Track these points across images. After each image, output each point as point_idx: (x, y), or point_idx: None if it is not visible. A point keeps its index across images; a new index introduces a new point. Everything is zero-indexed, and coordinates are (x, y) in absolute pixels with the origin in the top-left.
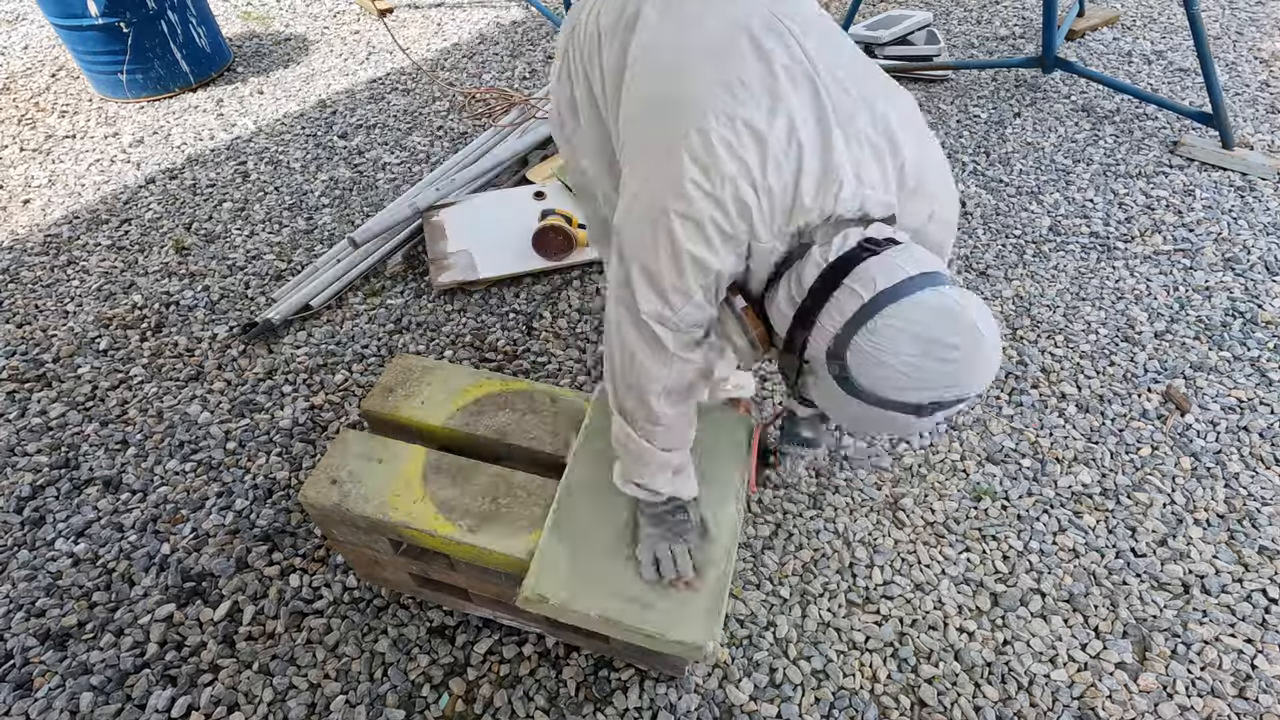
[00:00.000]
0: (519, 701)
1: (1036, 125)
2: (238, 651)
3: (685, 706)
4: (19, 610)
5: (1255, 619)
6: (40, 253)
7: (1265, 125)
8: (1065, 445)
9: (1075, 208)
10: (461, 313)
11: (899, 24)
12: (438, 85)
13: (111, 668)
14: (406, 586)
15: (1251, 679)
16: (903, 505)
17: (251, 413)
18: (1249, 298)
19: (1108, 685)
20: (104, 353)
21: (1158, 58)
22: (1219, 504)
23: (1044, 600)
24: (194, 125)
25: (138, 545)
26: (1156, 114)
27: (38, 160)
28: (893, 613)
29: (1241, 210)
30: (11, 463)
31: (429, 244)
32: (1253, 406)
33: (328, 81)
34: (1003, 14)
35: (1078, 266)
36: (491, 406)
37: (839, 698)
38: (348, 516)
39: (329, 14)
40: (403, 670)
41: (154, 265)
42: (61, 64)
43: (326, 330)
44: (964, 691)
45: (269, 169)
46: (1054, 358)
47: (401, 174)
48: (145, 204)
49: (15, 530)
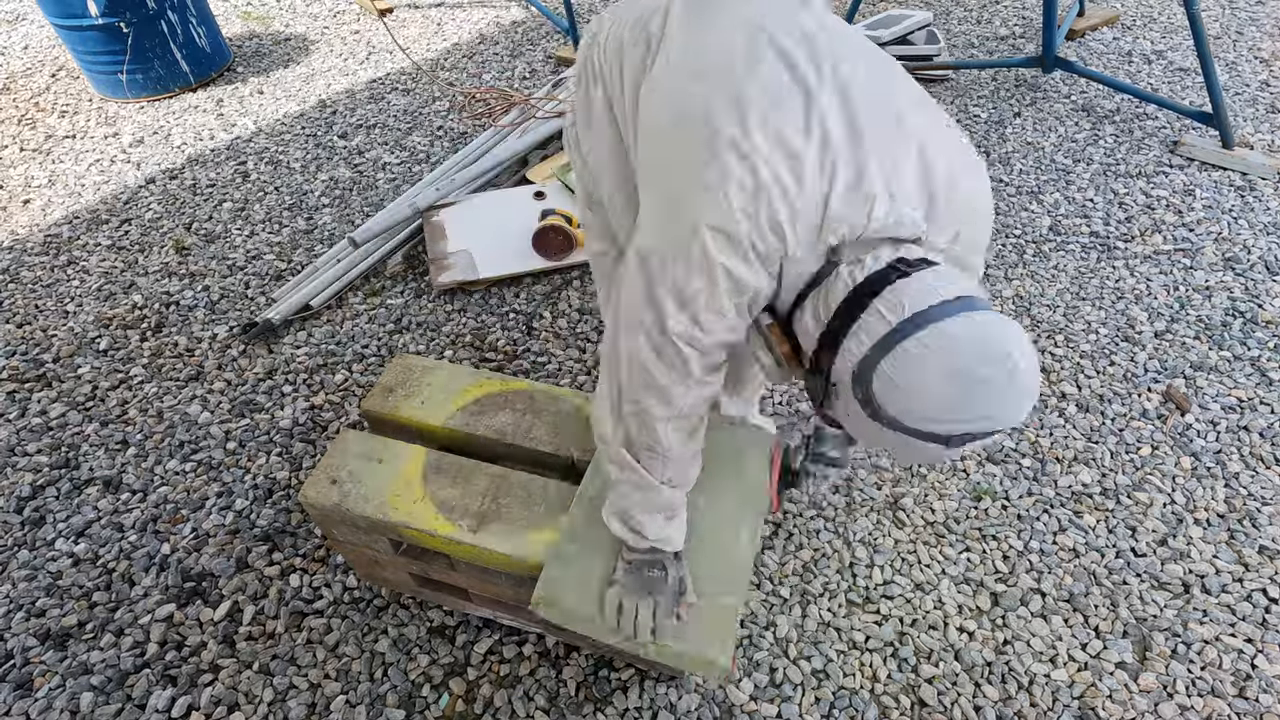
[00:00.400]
0: (519, 701)
1: (1036, 125)
2: (238, 651)
3: (685, 706)
4: (19, 610)
5: (1255, 619)
6: (40, 253)
7: (1265, 125)
8: (1065, 445)
9: (1075, 207)
10: (461, 313)
11: (899, 24)
12: (438, 85)
13: (112, 668)
14: (406, 586)
15: (1251, 679)
16: (903, 505)
17: (251, 413)
18: (1249, 297)
19: (1108, 685)
20: (104, 353)
21: (1158, 57)
22: (1219, 504)
23: (1044, 600)
24: (194, 125)
25: (138, 545)
26: (1157, 114)
27: (38, 160)
28: (893, 612)
29: (1242, 210)
30: (12, 463)
31: (429, 244)
32: (1253, 406)
33: (328, 81)
34: (1003, 14)
35: (1078, 266)
36: (491, 406)
37: (839, 697)
38: (348, 516)
39: (329, 14)
40: (403, 670)
41: (154, 265)
42: (61, 64)
43: (326, 330)
44: (964, 691)
45: (269, 169)
46: (1054, 357)
47: (401, 174)
48: (145, 204)
49: (15, 530)
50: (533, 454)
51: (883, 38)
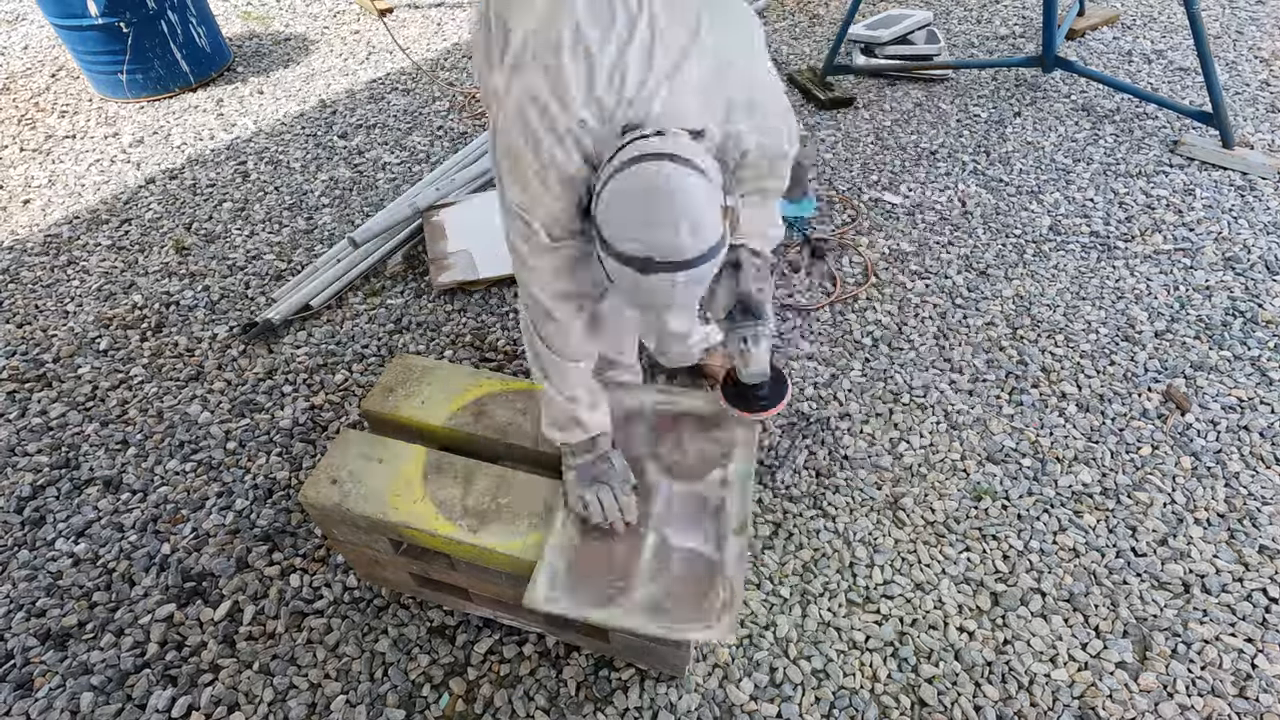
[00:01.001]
0: (519, 701)
1: (1037, 125)
2: (238, 651)
3: (685, 706)
4: (19, 610)
5: (1256, 618)
6: (40, 253)
7: (1265, 124)
8: (1065, 445)
9: (1075, 207)
10: (461, 313)
11: (899, 23)
12: (438, 85)
13: (112, 668)
14: (407, 586)
15: (1252, 678)
16: (903, 505)
17: (251, 413)
18: (1249, 297)
19: (1108, 685)
20: (104, 353)
21: (1158, 57)
22: (1219, 503)
23: (1044, 600)
24: (194, 125)
25: (138, 545)
26: (1157, 113)
27: (38, 160)
28: (893, 612)
29: (1242, 209)
30: (12, 463)
31: (429, 244)
32: (1253, 406)
33: (328, 81)
34: (1003, 13)
35: (1078, 266)
36: (491, 406)
37: (839, 697)
38: (348, 516)
39: (329, 14)
40: (403, 670)
41: (154, 265)
42: (61, 64)
43: (326, 330)
44: (964, 691)
45: (269, 169)
46: (1054, 357)
47: (401, 174)
48: (145, 204)
49: (15, 530)
50: (533, 454)
51: (883, 37)
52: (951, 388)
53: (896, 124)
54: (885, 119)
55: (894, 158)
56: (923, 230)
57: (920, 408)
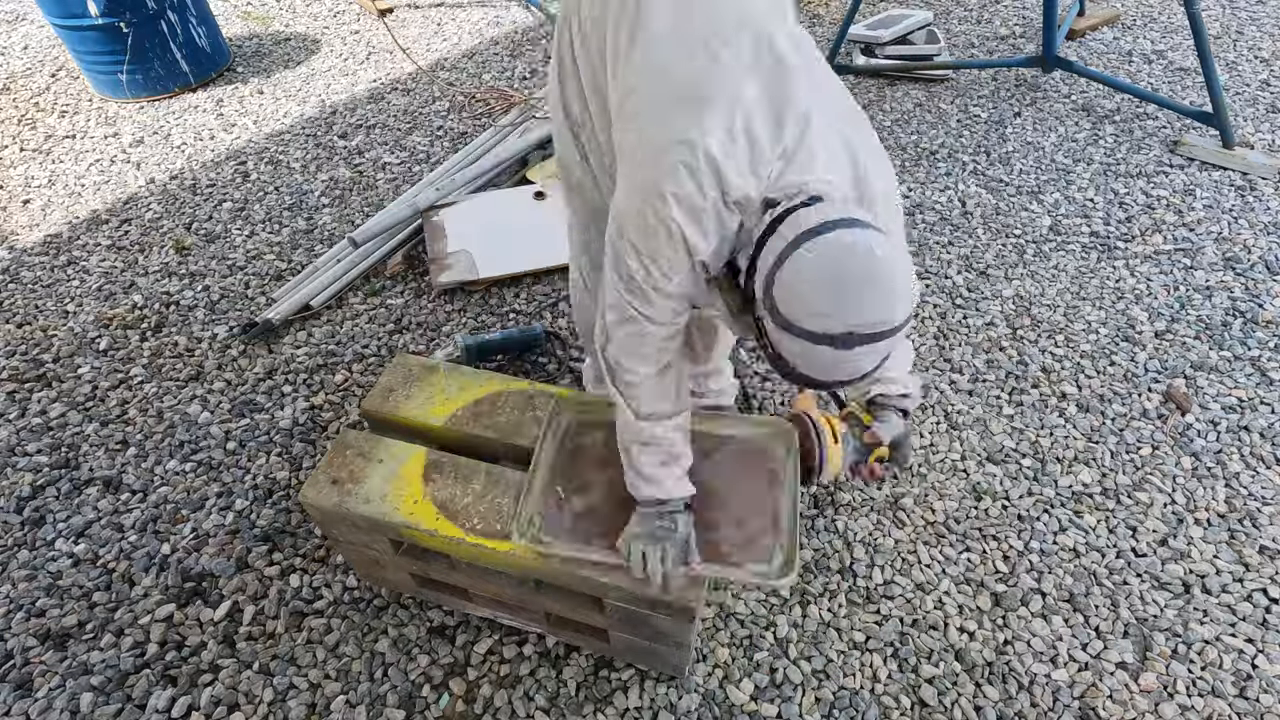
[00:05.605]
0: (519, 701)
1: (1037, 125)
2: (238, 651)
3: (686, 706)
4: (19, 610)
5: (1256, 619)
6: (40, 253)
7: (1265, 124)
8: (1066, 445)
9: (1075, 207)
10: (461, 313)
11: (899, 24)
12: (438, 85)
13: (112, 668)
14: (407, 586)
15: (1252, 679)
16: (903, 505)
17: (251, 413)
18: (1249, 297)
19: (1108, 685)
20: (104, 353)
21: (1158, 57)
22: (1219, 504)
23: (1045, 600)
24: (194, 125)
25: (138, 545)
26: (1157, 113)
27: (38, 160)
28: (893, 612)
29: (1242, 210)
30: (11, 463)
31: (429, 244)
32: (1253, 406)
33: (328, 81)
34: (1003, 14)
35: (1078, 266)
36: (491, 406)
37: (839, 698)
38: (348, 516)
39: (329, 14)
40: (403, 670)
41: (154, 265)
42: (61, 64)
43: (326, 330)
44: (965, 691)
45: (269, 169)
46: (1054, 357)
47: (401, 174)
48: (145, 204)
49: (15, 530)
50: (533, 454)
51: (883, 37)
52: (951, 388)
53: (896, 124)
54: (885, 119)
55: (894, 158)
56: (923, 230)
57: (920, 408)
